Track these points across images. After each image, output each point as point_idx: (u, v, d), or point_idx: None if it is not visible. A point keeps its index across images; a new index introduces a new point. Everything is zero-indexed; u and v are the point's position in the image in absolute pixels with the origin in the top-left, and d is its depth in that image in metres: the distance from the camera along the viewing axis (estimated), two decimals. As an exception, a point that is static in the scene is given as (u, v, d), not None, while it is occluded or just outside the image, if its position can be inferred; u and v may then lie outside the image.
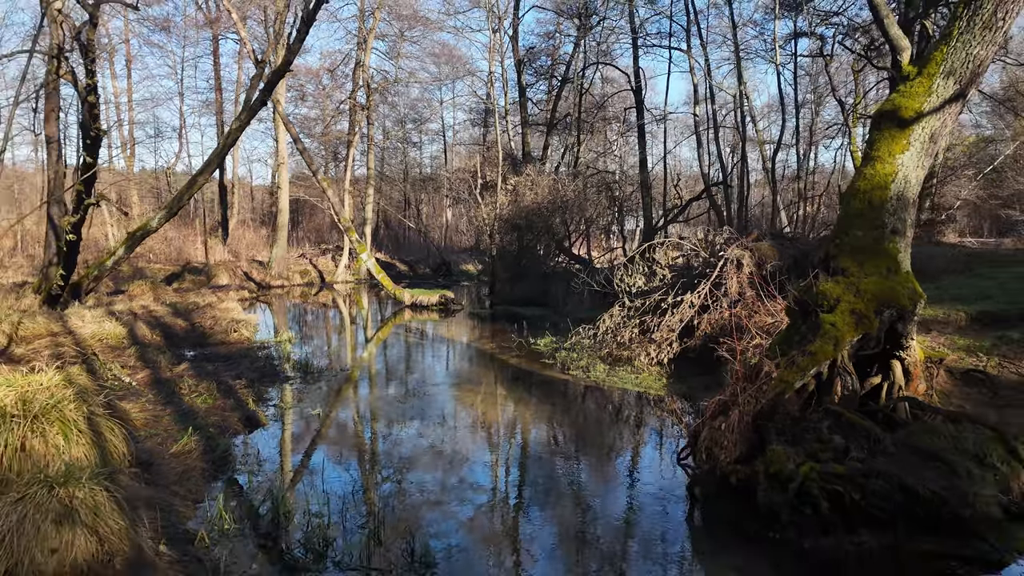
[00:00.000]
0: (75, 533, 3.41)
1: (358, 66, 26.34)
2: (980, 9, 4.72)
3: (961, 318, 6.88)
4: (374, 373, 10.11)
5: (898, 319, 4.89)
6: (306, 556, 3.81)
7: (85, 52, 8.89)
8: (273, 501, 4.49)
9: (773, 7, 20.98)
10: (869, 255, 4.90)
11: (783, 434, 4.53)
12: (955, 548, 4.04)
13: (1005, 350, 6.11)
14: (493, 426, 6.95)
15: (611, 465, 5.89)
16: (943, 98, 4.88)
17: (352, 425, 7.04)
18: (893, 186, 4.92)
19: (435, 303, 17.05)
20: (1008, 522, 4.30)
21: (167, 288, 18.94)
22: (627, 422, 7.24)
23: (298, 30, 13.05)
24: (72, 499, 3.50)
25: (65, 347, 9.38)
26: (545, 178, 18.84)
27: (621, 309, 10.42)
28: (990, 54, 4.84)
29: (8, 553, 3.24)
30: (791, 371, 4.71)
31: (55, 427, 4.33)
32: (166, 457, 5.12)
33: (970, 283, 8.38)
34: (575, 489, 5.20)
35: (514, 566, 4.00)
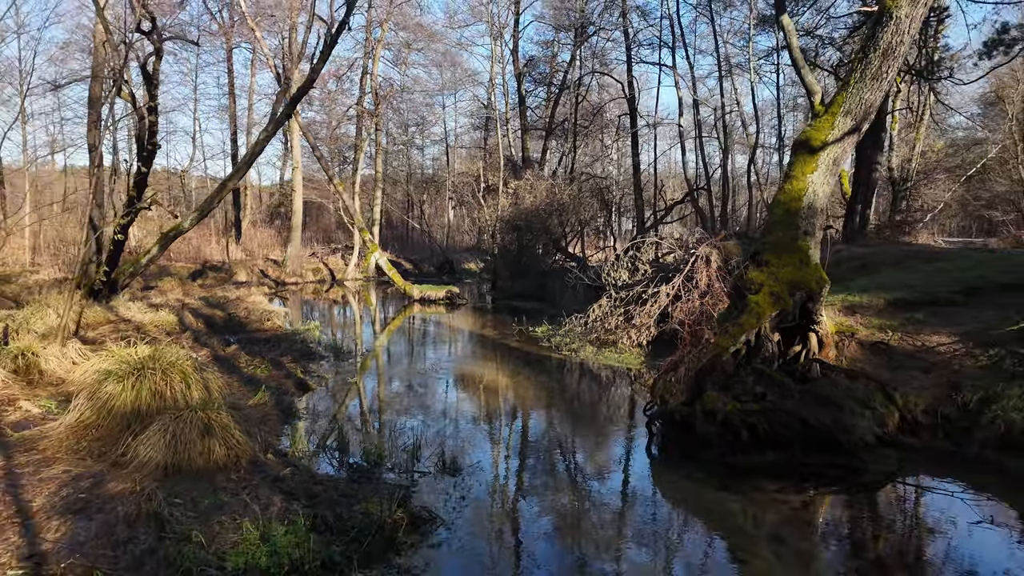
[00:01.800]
0: (214, 441, 4.93)
1: (366, 74, 27.87)
2: (869, 64, 6.25)
3: (881, 303, 8.41)
4: (395, 352, 11.65)
5: (808, 299, 6.41)
6: (367, 464, 5.33)
7: (149, 79, 10.41)
8: (336, 434, 6.02)
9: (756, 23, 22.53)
10: (786, 251, 6.43)
11: (717, 384, 6.07)
12: (836, 462, 5.58)
13: (908, 328, 7.63)
14: (497, 388, 8.49)
15: (592, 413, 7.44)
16: (843, 131, 6.41)
17: (383, 387, 8.58)
18: (805, 198, 6.45)
19: (442, 298, 18.56)
20: (880, 446, 5.86)
21: (193, 284, 20.49)
22: (607, 387, 8.78)
23: (321, 52, 14.51)
24: (210, 419, 5.01)
25: (128, 332, 10.90)
26: (543, 182, 20.35)
27: (608, 300, 11.94)
28: (878, 98, 6.37)
29: (173, 451, 4.76)
30: (725, 338, 6.25)
31: (177, 377, 5.85)
32: (248, 407, 6.64)
33: (900, 275, 9.91)
34: (563, 429, 6.75)
35: (517, 471, 5.53)
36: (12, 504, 4.07)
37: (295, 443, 5.74)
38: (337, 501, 4.43)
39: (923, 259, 10.73)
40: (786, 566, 4.05)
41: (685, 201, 20.79)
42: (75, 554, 3.55)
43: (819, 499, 5.08)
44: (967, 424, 5.88)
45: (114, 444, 5.10)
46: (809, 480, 5.33)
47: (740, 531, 4.53)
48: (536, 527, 4.54)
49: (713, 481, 5.32)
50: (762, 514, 4.76)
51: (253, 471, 4.84)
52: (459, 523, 4.38)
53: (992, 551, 4.27)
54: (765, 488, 5.15)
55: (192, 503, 4.20)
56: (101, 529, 3.84)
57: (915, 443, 5.97)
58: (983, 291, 8.15)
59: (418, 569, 3.76)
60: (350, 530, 4.01)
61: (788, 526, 4.57)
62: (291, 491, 4.54)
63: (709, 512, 4.88)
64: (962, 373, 6.48)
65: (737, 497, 4.99)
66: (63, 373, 7.75)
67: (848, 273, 10.91)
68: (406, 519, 4.21)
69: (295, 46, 23.24)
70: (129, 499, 4.18)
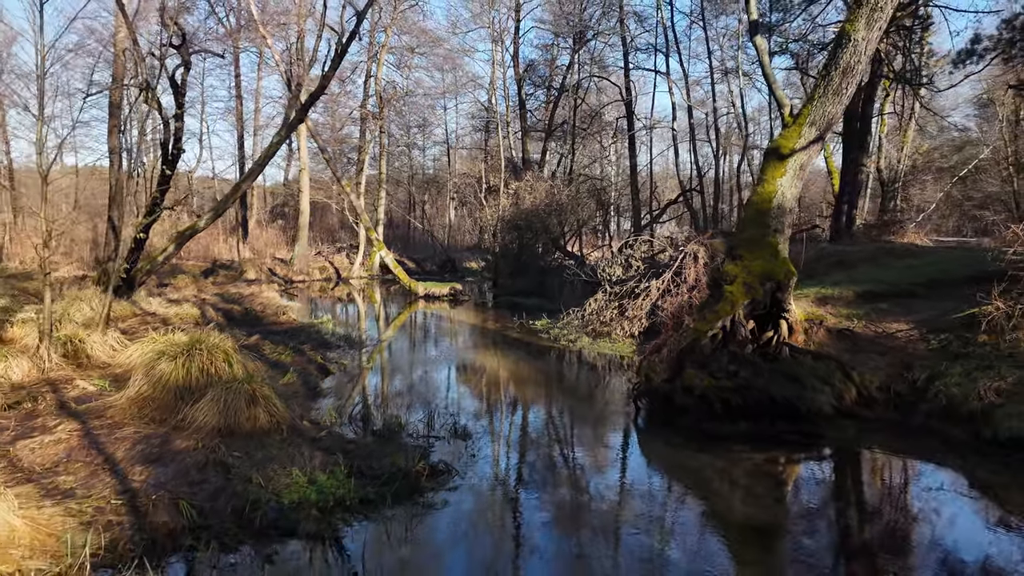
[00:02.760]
0: (259, 410, 5.73)
1: (369, 77, 28.66)
2: (831, 81, 7.06)
3: (850, 295, 9.21)
4: (404, 342, 12.45)
5: (777, 289, 7.21)
6: (388, 431, 6.12)
7: (177, 89, 11.21)
8: (359, 407, 6.83)
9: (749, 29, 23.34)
10: (758, 246, 7.23)
11: (696, 364, 6.87)
12: (799, 430, 6.39)
13: (873, 316, 8.43)
14: (500, 373, 9.29)
15: (586, 393, 8.25)
16: (808, 140, 7.21)
17: (397, 371, 9.38)
18: (775, 200, 7.25)
19: (446, 294, 19.37)
20: (839, 418, 6.67)
21: (206, 281, 21.29)
22: (600, 372, 9.59)
23: (332, 60, 15.33)
24: (255, 391, 5.82)
25: (155, 324, 11.70)
26: (542, 183, 21.16)
27: (604, 294, 12.74)
28: (839, 111, 7.18)
29: (225, 417, 5.56)
30: (704, 323, 7.06)
31: (220, 357, 6.64)
32: (279, 386, 7.44)
33: (873, 271, 10.72)
34: (560, 406, 7.56)
35: (519, 438, 6.34)
36: (99, 456, 4.88)
37: (324, 414, 6.54)
38: (368, 456, 5.24)
39: (897, 256, 11.54)
40: (747, 507, 4.85)
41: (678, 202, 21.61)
42: (160, 490, 4.36)
43: (781, 459, 5.88)
44: (915, 398, 6.69)
45: (171, 412, 5.90)
46: (774, 444, 6.14)
47: (711, 482, 5.33)
48: (536, 480, 5.35)
49: (691, 445, 6.13)
50: (731, 469, 5.56)
51: (293, 434, 5.65)
52: (470, 474, 5.18)
53: (922, 499, 5.08)
54: (735, 450, 5.95)
55: (247, 456, 5.00)
56: (177, 473, 4.64)
57: (870, 415, 6.78)
58: (942, 284, 8.95)
59: (438, 506, 4.56)
60: (381, 476, 4.81)
61: (752, 478, 5.38)
62: (328, 448, 5.34)
63: (685, 468, 5.68)
64: (915, 355, 7.28)
65: (710, 457, 5.80)
66: (106, 358, 8.56)
67: (826, 268, 11.72)
68: (427, 469, 5.01)
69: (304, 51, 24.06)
70: (195, 452, 4.98)
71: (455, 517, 4.46)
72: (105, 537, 3.74)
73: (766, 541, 4.38)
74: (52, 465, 4.71)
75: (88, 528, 3.81)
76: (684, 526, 4.59)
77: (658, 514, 4.79)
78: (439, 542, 4.15)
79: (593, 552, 4.09)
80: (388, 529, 4.20)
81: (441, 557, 3.98)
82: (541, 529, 4.41)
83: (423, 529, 4.25)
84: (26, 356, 7.69)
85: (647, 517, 4.64)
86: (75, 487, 4.36)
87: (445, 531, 4.28)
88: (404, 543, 4.07)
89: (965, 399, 6.25)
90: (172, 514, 4.07)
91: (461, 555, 4.04)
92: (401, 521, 4.31)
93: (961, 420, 6.20)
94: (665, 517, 4.73)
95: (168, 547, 3.76)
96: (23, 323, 9.34)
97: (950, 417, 6.32)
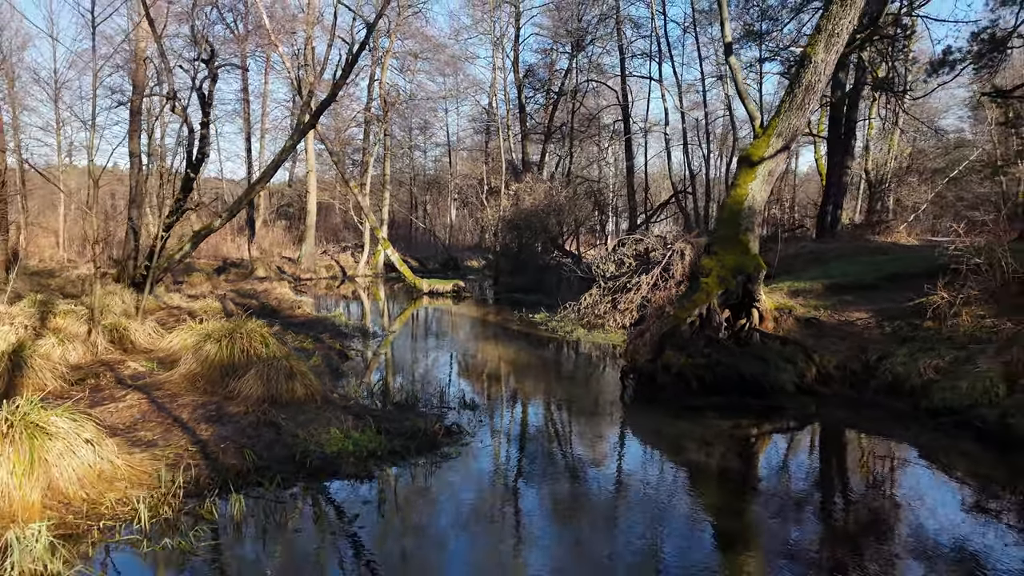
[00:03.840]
0: (296, 383, 6.66)
1: (373, 81, 29.59)
2: (795, 97, 7.99)
3: (820, 288, 10.14)
4: (413, 333, 13.40)
5: (748, 281, 8.14)
6: (406, 403, 7.05)
7: (204, 100, 12.14)
8: (379, 384, 7.76)
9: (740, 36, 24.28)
10: (731, 243, 8.17)
11: (675, 346, 7.81)
12: (764, 404, 7.33)
13: (837, 307, 9.36)
14: (503, 358, 10.23)
15: (580, 375, 9.19)
16: (775, 149, 8.15)
17: (409, 356, 10.33)
18: (746, 202, 8.19)
19: (449, 291, 20.31)
20: (800, 394, 7.61)
21: (219, 279, 22.22)
22: (593, 358, 10.52)
23: (343, 69, 16.23)
24: (292, 367, 6.75)
25: (182, 316, 12.62)
26: (541, 185, 22.10)
27: (598, 289, 13.67)
28: (802, 124, 8.12)
29: (267, 388, 6.49)
30: (682, 311, 7.99)
31: (257, 339, 7.57)
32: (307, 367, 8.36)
33: (844, 267, 11.65)
34: (557, 385, 8.49)
35: (521, 409, 7.28)
36: (168, 417, 5.81)
37: (349, 390, 7.47)
38: (391, 420, 6.17)
39: (869, 253, 12.47)
40: (713, 460, 5.79)
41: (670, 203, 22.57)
42: (225, 441, 5.29)
43: (746, 425, 6.81)
44: (866, 377, 7.63)
45: (219, 386, 6.83)
46: (740, 414, 7.07)
47: (684, 442, 6.26)
48: (535, 441, 6.29)
49: (669, 414, 7.07)
50: (702, 433, 6.49)
51: (326, 403, 6.58)
52: (479, 434, 6.12)
53: (866, 456, 6.02)
54: (707, 418, 6.89)
55: (292, 418, 5.93)
56: (235, 430, 5.58)
57: (827, 391, 7.72)
58: (901, 277, 9.88)
59: (454, 456, 5.49)
60: (404, 434, 5.74)
61: (720, 440, 6.31)
62: (357, 414, 6.27)
63: (664, 432, 6.62)
64: (870, 340, 8.23)
65: (686, 423, 6.74)
66: (147, 344, 9.50)
67: (804, 264, 12.66)
68: (442, 430, 5.94)
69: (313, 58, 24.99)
70: (247, 415, 5.92)
71: (467, 465, 5.39)
72: (188, 475, 4.67)
73: (729, 486, 5.31)
74: (131, 424, 5.64)
75: (173, 468, 4.74)
76: (660, 474, 5.53)
77: (639, 466, 5.72)
78: (454, 482, 5.08)
79: (581, 490, 5.03)
80: (412, 472, 5.14)
81: (456, 493, 4.91)
82: (539, 476, 5.34)
83: (441, 473, 5.18)
84: (79, 341, 8.63)
85: (629, 468, 5.57)
86: (155, 439, 5.30)
87: (459, 475, 5.21)
88: (426, 482, 5.00)
89: (908, 376, 7.20)
90: (238, 458, 5.01)
91: (472, 492, 4.97)
92: (423, 467, 5.24)
93: (904, 394, 7.14)
94: (644, 468, 5.67)
95: (239, 483, 4.68)
96: (64, 314, 10.25)
97: (895, 392, 7.26)
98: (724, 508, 4.80)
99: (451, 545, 4.16)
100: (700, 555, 3.97)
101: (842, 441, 6.68)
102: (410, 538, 4.23)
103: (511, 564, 3.87)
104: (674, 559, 3.89)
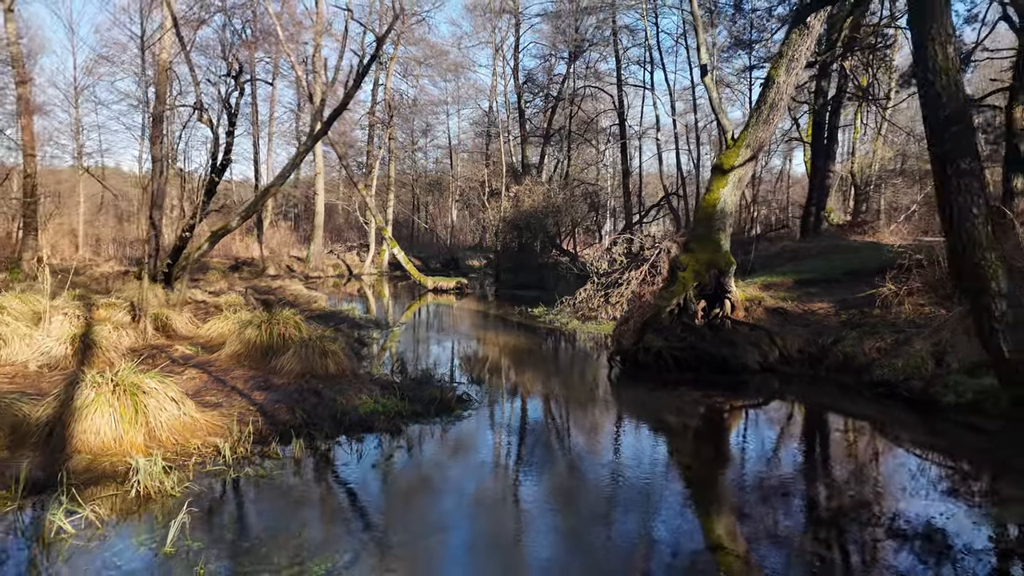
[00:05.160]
0: (329, 361, 7.79)
1: (378, 86, 30.71)
2: (761, 113, 9.13)
3: (790, 282, 11.29)
4: (422, 324, 14.53)
5: (720, 275, 9.27)
6: (422, 379, 8.17)
7: (230, 111, 13.29)
8: (396, 364, 8.89)
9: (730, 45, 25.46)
10: (705, 241, 9.30)
11: (655, 331, 8.94)
12: (730, 380, 8.47)
13: (803, 298, 10.50)
14: (504, 345, 11.37)
15: (574, 359, 10.32)
16: (744, 159, 9.28)
17: (420, 343, 11.46)
18: (719, 205, 9.32)
19: (453, 287, 21.45)
20: (762, 372, 8.74)
21: (233, 276, 23.34)
22: (586, 346, 11.66)
23: (355, 79, 17.37)
24: (325, 347, 7.88)
25: (210, 308, 13.74)
26: (540, 187, 23.24)
27: (592, 285, 14.81)
28: (767, 136, 9.26)
29: (305, 365, 7.62)
30: (662, 301, 9.13)
31: (292, 325, 8.71)
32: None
33: (815, 263, 12.80)
34: (553, 366, 9.63)
35: (522, 385, 8.42)
36: (226, 387, 6.94)
37: (372, 368, 8.61)
38: (411, 390, 7.29)
39: (840, 252, 13.62)
40: (685, 421, 6.93)
41: (661, 204, 23.74)
42: (276, 404, 6.42)
43: (715, 397, 7.94)
44: (821, 357, 8.77)
45: (261, 363, 7.97)
46: (710, 388, 8.20)
47: (661, 409, 7.40)
48: (533, 409, 7.42)
49: (649, 388, 8.20)
50: (677, 402, 7.62)
51: (355, 377, 7.71)
52: (486, 403, 7.26)
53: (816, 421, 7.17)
54: (681, 391, 8.02)
55: (328, 388, 7.06)
56: (283, 396, 6.71)
57: (789, 370, 8.86)
58: (861, 272, 11.01)
59: (465, 418, 6.63)
60: (424, 400, 6.87)
61: (691, 407, 7.45)
62: (383, 385, 7.40)
63: (644, 402, 7.76)
64: (827, 326, 9.36)
65: (664, 395, 7.87)
66: (186, 332, 10.62)
67: (780, 261, 13.80)
68: (455, 398, 7.07)
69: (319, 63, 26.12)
70: (291, 385, 7.05)
71: (476, 423, 6.53)
72: (252, 427, 5.79)
73: (697, 441, 6.44)
74: (197, 391, 6.77)
75: (239, 423, 5.87)
76: (637, 430, 6.66)
77: (620, 425, 6.86)
78: (465, 435, 6.21)
79: (572, 444, 6.16)
80: (432, 428, 6.27)
81: (467, 442, 6.04)
82: (536, 433, 6.48)
83: (454, 429, 6.31)
84: (128, 328, 9.76)
85: (612, 427, 6.71)
86: (220, 402, 6.43)
87: (469, 431, 6.34)
88: (443, 435, 6.14)
89: (855, 356, 8.34)
90: (290, 416, 6.14)
91: (480, 442, 6.09)
92: (440, 424, 6.38)
93: (852, 371, 8.28)
94: (625, 426, 6.80)
95: (293, 434, 5.80)
96: (106, 307, 11.37)
97: (844, 369, 8.40)
98: (689, 453, 5.94)
99: (464, 476, 5.29)
100: (665, 480, 5.10)
101: (794, 408, 7.81)
102: (433, 471, 5.36)
103: (511, 485, 5.00)
104: (642, 478, 5.03)
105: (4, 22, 17.97)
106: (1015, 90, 13.03)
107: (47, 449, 5.08)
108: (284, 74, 35.58)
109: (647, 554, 3.93)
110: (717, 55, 29.34)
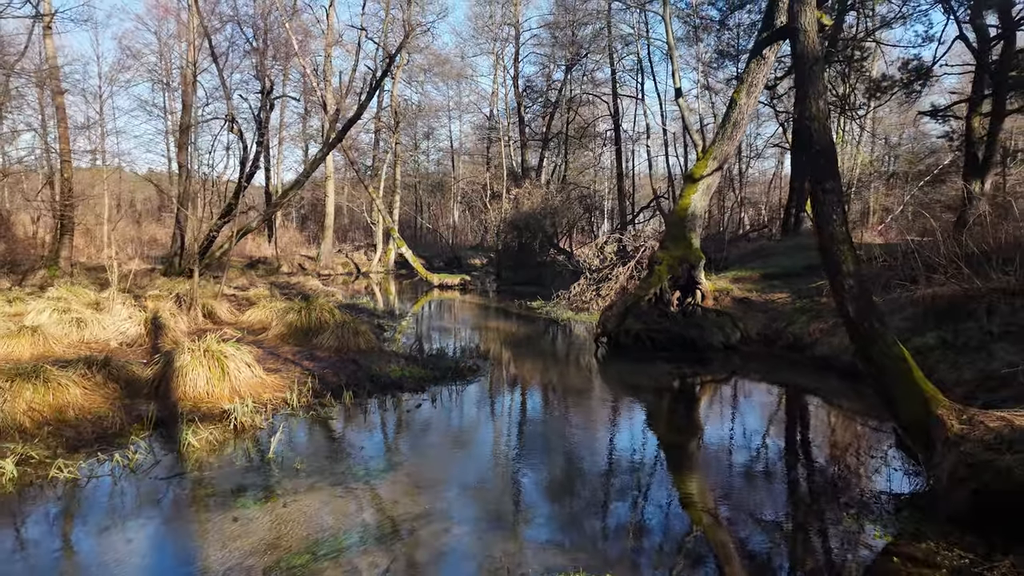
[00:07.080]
0: (360, 339, 9.34)
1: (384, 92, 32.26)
2: (726, 130, 10.68)
3: (756, 275, 12.85)
4: (432, 315, 16.09)
5: (691, 268, 10.82)
6: (437, 355, 9.72)
7: (260, 124, 14.84)
8: (414, 344, 10.45)
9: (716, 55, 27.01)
10: (678, 240, 10.85)
11: (635, 316, 10.49)
12: (698, 357, 10.02)
13: (766, 289, 12.05)
14: (506, 331, 12.92)
15: (566, 342, 11.88)
16: (712, 169, 10.83)
17: (432, 329, 13.02)
18: (690, 209, 10.86)
19: (456, 284, 22.99)
20: (725, 351, 10.30)
21: (251, 273, 24.86)
22: (577, 332, 13.22)
23: (368, 91, 18.95)
24: (356, 328, 9.43)
25: (242, 300, 15.27)
26: (539, 190, 24.79)
27: (585, 280, 16.36)
28: (731, 150, 10.80)
29: (341, 342, 9.17)
30: (641, 291, 10.69)
31: (326, 311, 10.25)
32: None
33: (780, 259, 14.36)
34: (548, 347, 11.19)
35: (522, 360, 9.99)
36: (279, 358, 8.48)
37: (395, 347, 10.16)
38: (431, 361, 8.84)
39: (804, 249, 15.14)
40: (658, 387, 8.48)
41: (651, 206, 25.31)
42: (324, 370, 7.97)
43: (683, 369, 9.48)
44: (775, 338, 10.32)
45: (304, 341, 9.52)
46: (680, 363, 9.75)
47: (639, 381, 8.94)
48: (530, 378, 8.97)
49: (628, 363, 9.75)
50: (652, 374, 9.17)
51: (382, 352, 9.26)
52: (492, 372, 8.82)
53: (767, 388, 8.74)
54: (656, 366, 9.57)
55: (363, 359, 8.59)
56: (327, 365, 8.25)
57: (748, 349, 10.41)
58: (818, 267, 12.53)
59: (476, 382, 8.18)
60: (441, 369, 8.42)
61: (663, 378, 8.99)
62: (407, 358, 8.95)
63: (623, 374, 9.31)
64: (783, 312, 10.91)
65: (642, 370, 9.41)
66: (229, 319, 12.16)
67: (753, 258, 15.36)
68: (466, 368, 8.63)
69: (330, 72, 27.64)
70: (331, 358, 8.60)
71: (482, 387, 8.09)
72: (307, 387, 7.33)
73: (669, 403, 7.99)
74: (254, 362, 8.30)
75: (297, 383, 7.41)
76: (616, 394, 8.21)
77: (605, 396, 8.41)
78: (476, 394, 7.77)
79: (563, 397, 7.72)
80: (450, 389, 7.83)
81: (478, 399, 7.59)
82: (533, 393, 8.03)
83: (468, 389, 7.86)
84: (181, 314, 11.30)
85: (598, 396, 8.26)
86: (278, 368, 7.98)
87: (479, 391, 7.89)
88: (459, 394, 7.69)
89: (802, 336, 9.89)
90: (336, 379, 7.69)
91: (488, 397, 7.65)
92: (456, 386, 7.93)
93: (799, 349, 9.83)
94: (608, 396, 8.35)
95: (340, 392, 7.34)
96: (154, 298, 12.91)
97: (794, 348, 9.95)
98: (660, 411, 7.49)
99: (477, 418, 6.84)
100: (640, 430, 6.65)
101: (749, 379, 9.35)
102: (452, 415, 6.91)
103: (514, 425, 6.55)
104: (620, 425, 6.57)
105: (43, 38, 19.50)
106: (973, 103, 14.60)
107: (156, 397, 6.64)
108: (292, 80, 37.14)
109: (618, 461, 5.49)
110: (706, 67, 30.97)
